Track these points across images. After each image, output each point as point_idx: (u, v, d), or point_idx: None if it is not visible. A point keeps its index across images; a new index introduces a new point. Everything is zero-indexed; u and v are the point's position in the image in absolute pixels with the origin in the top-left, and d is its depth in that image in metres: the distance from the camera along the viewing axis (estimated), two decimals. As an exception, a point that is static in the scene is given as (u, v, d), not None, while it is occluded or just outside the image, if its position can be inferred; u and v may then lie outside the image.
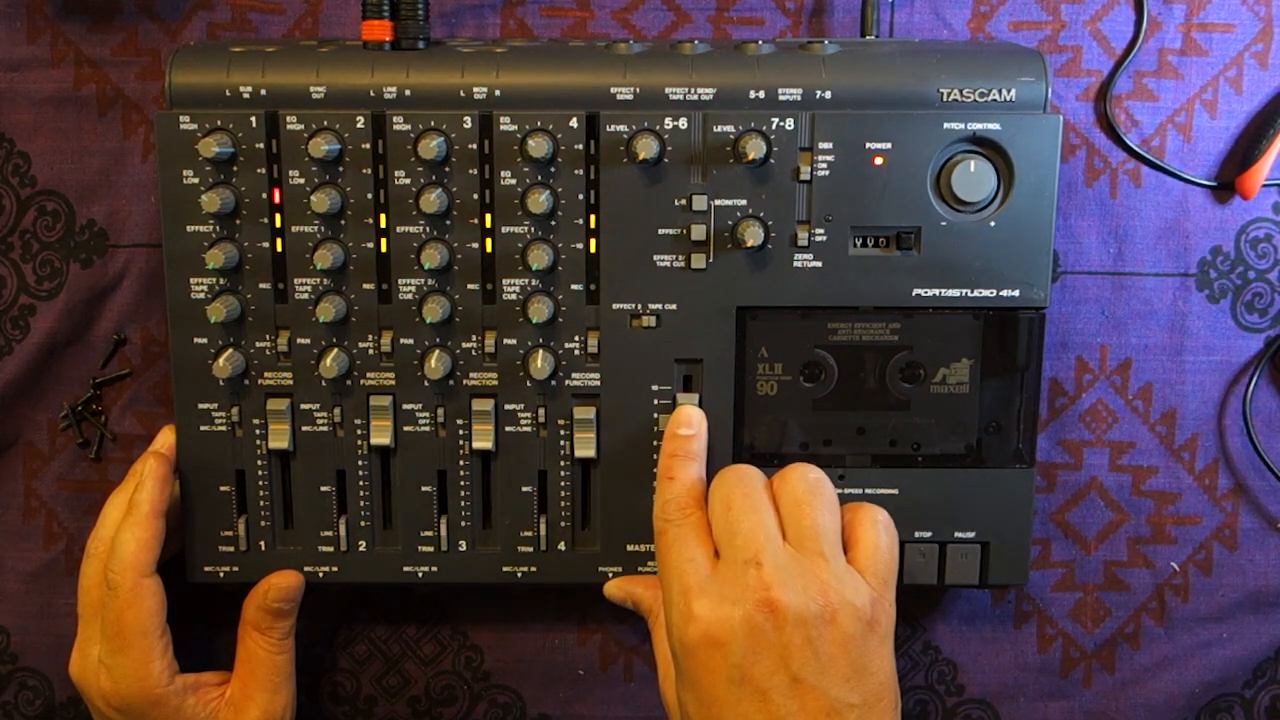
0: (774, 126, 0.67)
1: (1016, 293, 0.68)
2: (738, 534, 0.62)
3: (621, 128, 0.67)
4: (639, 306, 0.69)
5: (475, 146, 0.67)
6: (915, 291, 0.69)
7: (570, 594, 0.78)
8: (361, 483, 0.71)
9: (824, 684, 0.59)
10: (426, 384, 0.70)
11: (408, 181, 0.68)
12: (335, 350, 0.69)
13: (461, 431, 0.70)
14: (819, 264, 0.68)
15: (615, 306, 0.69)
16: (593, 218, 0.68)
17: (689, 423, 0.68)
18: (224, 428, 0.70)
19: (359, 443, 0.70)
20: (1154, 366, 0.76)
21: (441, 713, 0.79)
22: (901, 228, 0.68)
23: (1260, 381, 0.76)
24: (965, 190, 0.67)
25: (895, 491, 0.71)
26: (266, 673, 0.72)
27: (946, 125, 0.67)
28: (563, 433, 0.70)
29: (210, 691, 0.72)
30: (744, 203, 0.68)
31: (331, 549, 0.71)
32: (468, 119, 0.67)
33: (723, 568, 0.62)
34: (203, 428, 0.70)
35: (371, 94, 0.67)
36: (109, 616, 0.68)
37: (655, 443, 0.70)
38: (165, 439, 0.71)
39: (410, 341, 0.69)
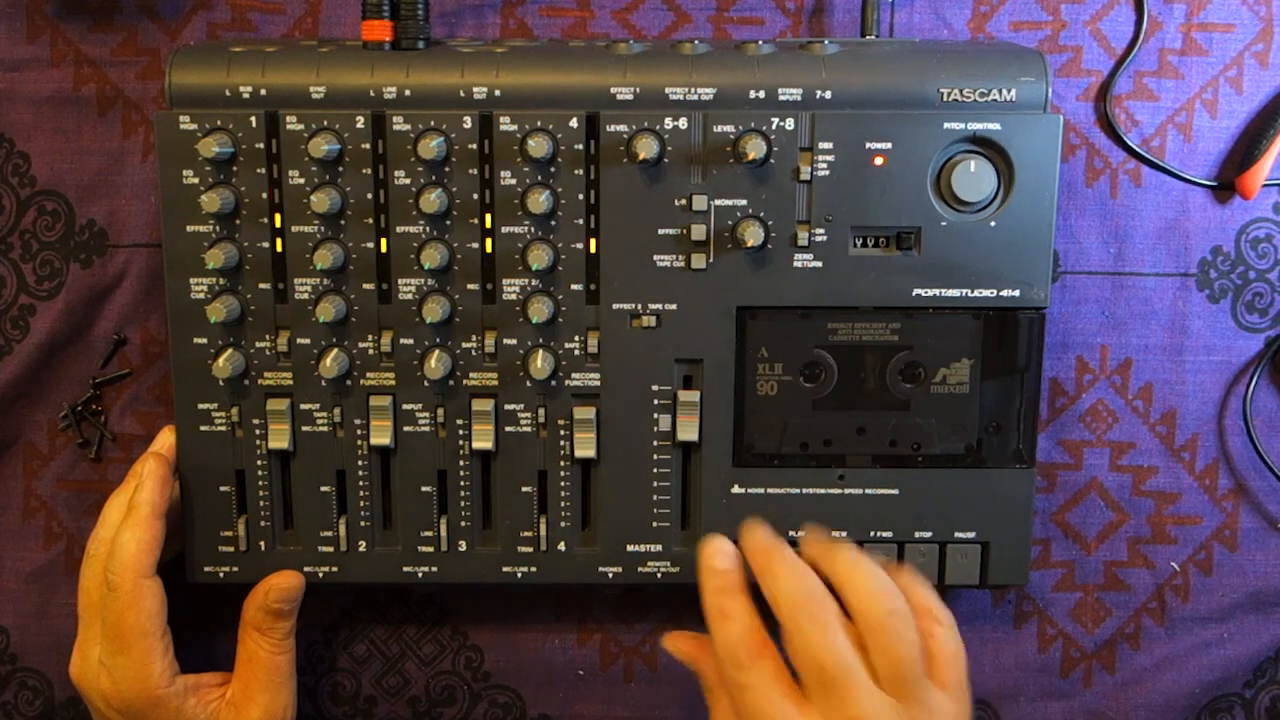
0: (774, 126, 0.67)
1: (1016, 293, 0.68)
2: (831, 689, 0.59)
3: (621, 128, 0.67)
4: (639, 306, 0.69)
5: (475, 146, 0.67)
6: (915, 291, 0.69)
7: (570, 594, 0.78)
8: (361, 483, 0.71)
9: None
10: (426, 384, 0.70)
11: (408, 181, 0.67)
12: (335, 350, 0.69)
13: (461, 431, 0.70)
14: (819, 264, 0.68)
15: (615, 306, 0.69)
16: (593, 218, 0.68)
17: (725, 553, 0.64)
18: (224, 428, 0.70)
19: (359, 443, 0.70)
20: (1154, 366, 0.76)
21: (441, 713, 0.79)
22: (901, 228, 0.68)
23: (1260, 381, 0.76)
24: (965, 190, 0.67)
25: (895, 491, 0.71)
26: (267, 673, 0.72)
27: (946, 125, 0.67)
28: (563, 433, 0.70)
29: (211, 692, 0.72)
30: (744, 203, 0.68)
31: (331, 549, 0.71)
32: (468, 119, 0.67)
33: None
34: (203, 428, 0.70)
35: (371, 94, 0.67)
36: (109, 618, 0.68)
37: (655, 443, 0.70)
38: (165, 439, 0.71)
39: (410, 341, 0.69)
